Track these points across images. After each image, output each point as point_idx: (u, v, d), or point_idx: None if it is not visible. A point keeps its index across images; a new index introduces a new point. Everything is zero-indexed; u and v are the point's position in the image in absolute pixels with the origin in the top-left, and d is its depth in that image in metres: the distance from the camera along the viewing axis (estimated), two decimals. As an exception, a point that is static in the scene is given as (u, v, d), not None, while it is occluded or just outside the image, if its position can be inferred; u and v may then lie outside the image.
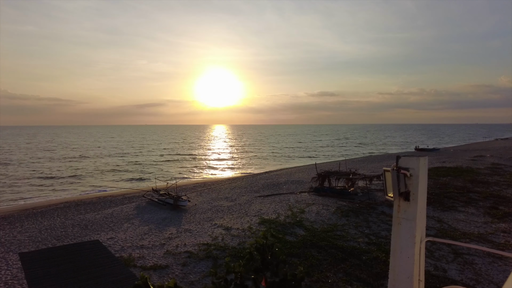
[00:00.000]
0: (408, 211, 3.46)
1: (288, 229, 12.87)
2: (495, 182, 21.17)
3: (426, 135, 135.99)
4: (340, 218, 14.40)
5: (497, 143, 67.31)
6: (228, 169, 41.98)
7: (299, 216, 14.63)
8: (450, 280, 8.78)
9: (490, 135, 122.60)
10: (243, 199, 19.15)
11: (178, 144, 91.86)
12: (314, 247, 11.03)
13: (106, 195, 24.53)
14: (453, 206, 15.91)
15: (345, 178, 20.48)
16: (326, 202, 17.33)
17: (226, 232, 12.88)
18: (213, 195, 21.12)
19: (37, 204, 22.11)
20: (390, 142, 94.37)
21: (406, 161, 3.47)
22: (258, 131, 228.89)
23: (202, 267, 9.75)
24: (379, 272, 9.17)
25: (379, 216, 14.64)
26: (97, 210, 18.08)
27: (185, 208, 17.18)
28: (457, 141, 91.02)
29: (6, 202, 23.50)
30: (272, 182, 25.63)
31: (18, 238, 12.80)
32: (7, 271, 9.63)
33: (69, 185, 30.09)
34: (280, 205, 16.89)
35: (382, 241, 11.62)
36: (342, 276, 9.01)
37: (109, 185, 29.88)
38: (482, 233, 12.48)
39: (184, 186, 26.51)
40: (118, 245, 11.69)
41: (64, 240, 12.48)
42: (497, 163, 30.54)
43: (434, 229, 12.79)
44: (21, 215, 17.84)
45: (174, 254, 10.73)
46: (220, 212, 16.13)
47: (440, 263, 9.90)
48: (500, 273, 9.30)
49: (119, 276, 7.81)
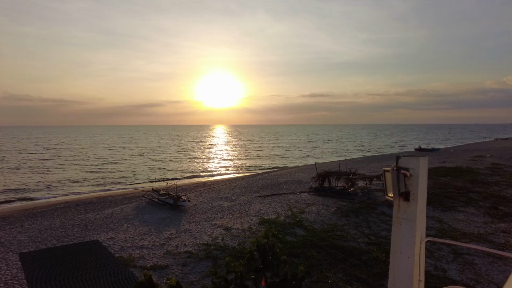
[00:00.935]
0: (408, 211, 3.46)
1: (288, 229, 12.87)
2: (495, 182, 21.17)
3: (426, 134, 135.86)
4: (340, 218, 14.40)
5: (497, 143, 67.32)
6: (228, 169, 41.97)
7: (299, 216, 14.63)
8: (450, 280, 8.78)
9: (478, 135, 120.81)
10: (243, 199, 19.15)
11: (177, 144, 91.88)
12: (314, 247, 11.03)
13: (106, 195, 24.54)
14: (453, 206, 15.91)
15: (345, 178, 20.49)
16: (326, 202, 17.33)
17: (226, 232, 12.88)
18: (213, 195, 21.12)
19: (37, 204, 22.12)
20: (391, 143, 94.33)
21: (406, 161, 3.47)
22: (254, 131, 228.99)
23: (202, 267, 9.76)
24: (379, 272, 9.17)
25: (379, 216, 14.64)
26: (97, 210, 18.08)
27: (185, 208, 17.18)
28: (457, 141, 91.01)
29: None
30: (272, 182, 25.64)
31: (18, 238, 12.79)
32: (7, 271, 9.62)
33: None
34: (280, 205, 16.89)
35: (382, 241, 11.62)
36: (342, 276, 9.01)
37: (110, 185, 29.89)
38: (482, 233, 12.48)
39: (184, 186, 26.50)
40: (118, 245, 11.69)
41: (64, 240, 12.48)
42: (497, 163, 30.55)
43: (434, 229, 12.79)
44: (21, 215, 17.83)
45: (174, 254, 10.73)
46: (220, 212, 16.13)
47: (440, 263, 9.90)
48: (500, 273, 9.30)
49: (119, 276, 7.81)
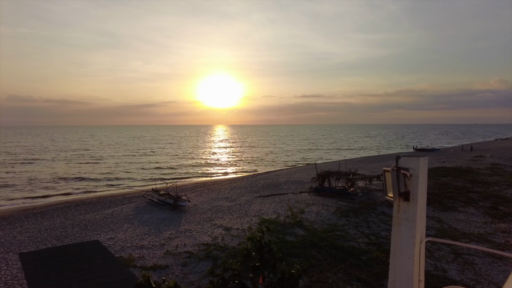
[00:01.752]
0: (408, 211, 3.46)
1: (288, 229, 12.87)
2: (495, 182, 21.17)
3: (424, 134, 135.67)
4: (340, 218, 14.40)
5: (497, 143, 67.33)
6: (228, 169, 41.96)
7: (299, 216, 14.63)
8: (450, 280, 8.78)
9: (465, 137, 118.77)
10: (243, 199, 19.15)
11: (177, 143, 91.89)
12: (314, 247, 11.03)
13: (106, 195, 24.54)
14: (453, 206, 15.91)
15: (345, 178, 20.49)
16: (326, 202, 17.33)
17: (226, 232, 12.88)
18: (213, 195, 21.12)
19: (37, 204, 22.12)
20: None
21: (406, 161, 3.47)
22: (252, 130, 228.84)
23: (202, 267, 9.75)
24: (379, 272, 9.17)
25: (379, 216, 14.64)
26: (97, 210, 18.08)
27: (185, 208, 17.17)
28: (457, 141, 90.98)
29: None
30: (272, 182, 25.64)
31: (18, 238, 12.79)
32: (7, 271, 9.62)
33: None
34: (280, 205, 16.89)
35: (382, 241, 11.62)
36: (342, 276, 9.01)
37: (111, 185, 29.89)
38: (482, 233, 12.48)
39: (184, 186, 26.51)
40: (118, 245, 11.69)
41: (64, 240, 12.48)
42: (497, 163, 30.56)
43: (434, 229, 12.79)
44: (21, 215, 17.84)
45: (174, 254, 10.73)
46: (220, 212, 16.13)
47: (440, 263, 9.90)
48: (500, 273, 9.30)
49: (119, 276, 7.81)
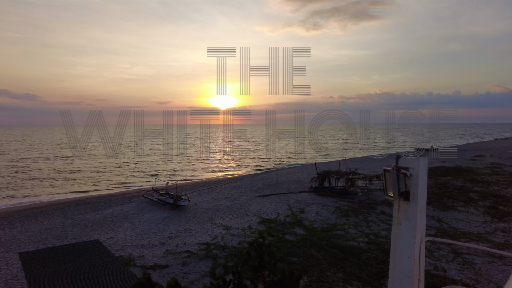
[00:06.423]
0: (408, 211, 3.46)
1: (287, 229, 12.88)
2: (494, 182, 21.17)
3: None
4: (340, 218, 14.40)
5: (497, 143, 67.35)
6: (228, 169, 41.97)
7: (298, 216, 14.64)
8: (450, 280, 8.78)
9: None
10: (243, 199, 19.15)
11: (175, 143, 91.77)
12: (314, 246, 11.04)
13: (106, 195, 24.52)
14: (452, 206, 15.91)
15: (345, 178, 20.48)
16: (325, 201, 17.34)
17: (226, 232, 12.89)
18: (213, 194, 21.12)
19: (37, 204, 22.10)
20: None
21: (406, 161, 3.48)
22: (250, 130, 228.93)
23: (202, 266, 9.76)
24: (379, 272, 9.18)
25: (379, 215, 14.65)
26: (97, 210, 18.07)
27: (185, 207, 17.18)
28: (456, 141, 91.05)
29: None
30: (272, 182, 25.63)
31: (18, 238, 12.80)
32: (7, 271, 9.64)
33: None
34: (280, 205, 16.89)
35: (382, 240, 11.63)
36: (342, 276, 9.02)
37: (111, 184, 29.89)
38: (482, 233, 12.48)
39: (184, 186, 26.50)
40: (118, 245, 11.70)
41: (64, 240, 12.48)
42: (497, 163, 30.55)
43: (434, 229, 12.80)
44: (21, 215, 17.82)
45: (174, 254, 10.73)
46: (220, 212, 16.14)
47: (440, 263, 9.90)
48: (500, 273, 9.31)
49: (119, 276, 7.80)
